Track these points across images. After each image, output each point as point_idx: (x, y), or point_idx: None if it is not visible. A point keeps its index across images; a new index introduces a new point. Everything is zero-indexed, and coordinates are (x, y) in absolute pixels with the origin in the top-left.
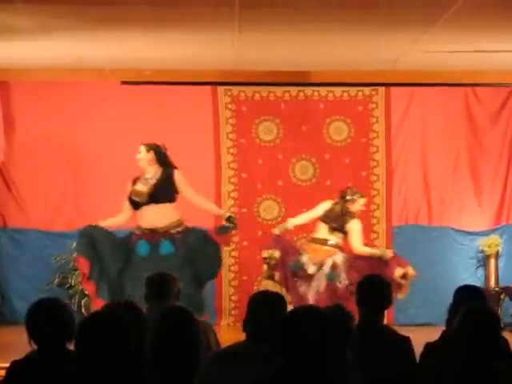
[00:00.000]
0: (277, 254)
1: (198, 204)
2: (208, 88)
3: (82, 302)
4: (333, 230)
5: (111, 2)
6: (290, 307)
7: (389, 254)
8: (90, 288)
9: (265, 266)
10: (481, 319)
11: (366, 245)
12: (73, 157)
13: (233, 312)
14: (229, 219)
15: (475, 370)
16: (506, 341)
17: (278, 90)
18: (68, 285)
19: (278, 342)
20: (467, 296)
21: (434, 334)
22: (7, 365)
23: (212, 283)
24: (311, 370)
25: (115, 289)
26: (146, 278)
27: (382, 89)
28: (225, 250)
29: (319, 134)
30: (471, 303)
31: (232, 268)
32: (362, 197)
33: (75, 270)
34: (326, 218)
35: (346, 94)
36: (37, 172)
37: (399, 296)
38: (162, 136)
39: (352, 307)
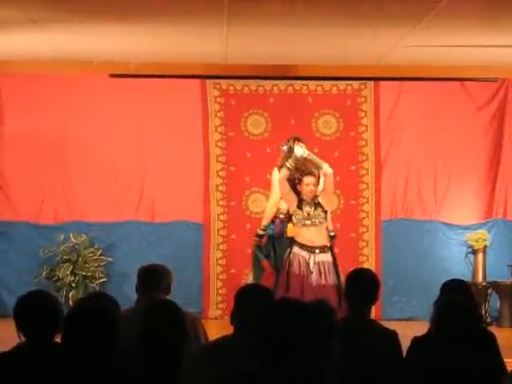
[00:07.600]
0: None
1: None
2: (197, 81)
3: (70, 294)
4: None
5: None
6: None
7: None
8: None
9: None
10: (454, 313)
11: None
12: (61, 149)
13: (220, 305)
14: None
15: (458, 364)
16: (492, 335)
17: (267, 84)
18: (56, 277)
19: (259, 335)
20: (452, 290)
21: (421, 328)
22: None
23: (200, 276)
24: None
25: None
26: (139, 269)
27: (370, 83)
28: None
29: (308, 128)
30: (448, 297)
31: (220, 261)
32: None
33: (63, 262)
34: None
35: (334, 88)
36: (25, 164)
37: None
38: (150, 129)
39: None
